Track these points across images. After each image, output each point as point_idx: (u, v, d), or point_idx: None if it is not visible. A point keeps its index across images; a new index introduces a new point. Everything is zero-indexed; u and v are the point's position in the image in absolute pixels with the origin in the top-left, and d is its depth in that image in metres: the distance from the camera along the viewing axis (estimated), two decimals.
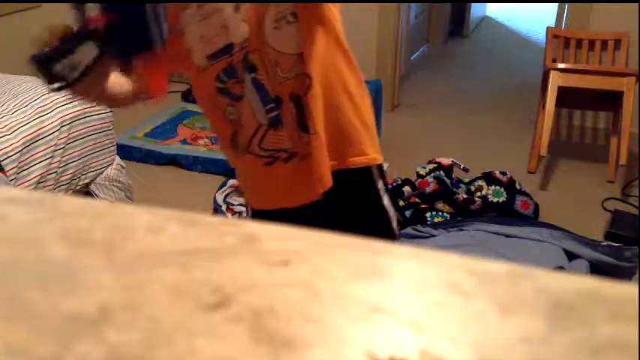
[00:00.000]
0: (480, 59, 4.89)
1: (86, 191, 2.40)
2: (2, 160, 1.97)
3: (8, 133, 2.03)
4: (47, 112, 2.16)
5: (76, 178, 2.30)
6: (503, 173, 2.61)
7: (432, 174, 2.58)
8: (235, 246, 0.34)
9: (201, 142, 3.15)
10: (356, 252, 0.34)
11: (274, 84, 1.08)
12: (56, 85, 0.88)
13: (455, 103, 3.92)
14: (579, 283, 0.31)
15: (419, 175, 2.63)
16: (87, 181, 2.37)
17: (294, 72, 1.08)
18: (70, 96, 0.99)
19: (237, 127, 1.16)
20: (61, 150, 2.20)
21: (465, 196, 2.51)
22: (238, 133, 1.16)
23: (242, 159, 1.18)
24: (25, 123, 2.09)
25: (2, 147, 1.98)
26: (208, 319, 0.28)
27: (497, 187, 2.55)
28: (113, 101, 1.14)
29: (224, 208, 2.58)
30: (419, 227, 2.37)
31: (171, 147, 3.09)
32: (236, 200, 2.61)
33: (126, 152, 2.94)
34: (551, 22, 3.54)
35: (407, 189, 2.61)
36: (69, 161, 2.25)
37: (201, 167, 2.96)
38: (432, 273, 0.32)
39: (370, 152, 1.21)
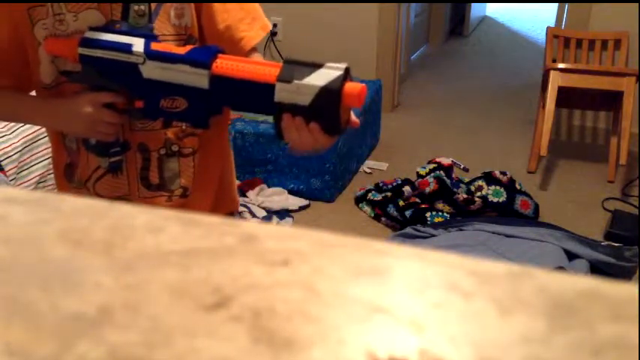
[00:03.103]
0: (480, 59, 4.89)
1: None
2: (2, 160, 1.97)
3: (8, 132, 2.03)
4: None
5: None
6: (504, 173, 2.61)
7: (432, 174, 2.58)
8: (235, 246, 0.34)
9: None
10: (356, 252, 0.34)
11: (126, 129, 1.01)
12: None
13: (455, 102, 3.91)
14: (579, 283, 0.31)
15: (419, 175, 2.62)
16: None
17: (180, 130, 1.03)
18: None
19: (75, 158, 1.06)
20: None
21: (465, 196, 2.51)
22: (75, 166, 1.07)
23: (76, 191, 1.08)
24: None
25: (2, 147, 1.98)
26: (208, 319, 0.28)
27: (497, 187, 2.55)
28: None
29: None
30: (419, 227, 2.37)
31: None
32: None
33: None
34: (551, 22, 3.53)
35: (407, 189, 2.61)
36: None
37: None
38: (432, 273, 0.32)
39: (236, 199, 1.23)
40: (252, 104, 0.89)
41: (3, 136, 2.01)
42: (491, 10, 6.29)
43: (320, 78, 0.80)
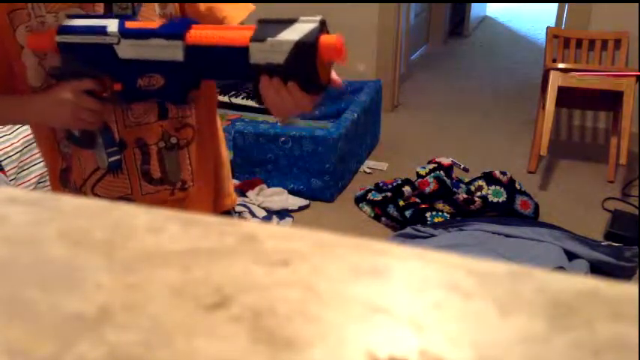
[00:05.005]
0: (480, 59, 4.89)
1: None
2: (2, 160, 1.97)
3: (8, 133, 2.03)
4: None
5: None
6: (504, 173, 2.61)
7: (432, 174, 2.58)
8: (235, 246, 0.34)
9: None
10: (356, 252, 0.34)
11: (120, 126, 1.01)
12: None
13: (455, 103, 3.92)
14: (579, 283, 0.31)
15: (419, 175, 2.63)
16: None
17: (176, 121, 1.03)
18: None
19: (70, 163, 1.06)
20: None
21: (465, 196, 2.51)
22: (71, 170, 1.06)
23: (72, 195, 1.06)
24: None
25: (2, 147, 1.98)
26: (208, 319, 0.28)
27: (497, 187, 2.55)
28: None
29: None
30: (419, 227, 2.37)
31: None
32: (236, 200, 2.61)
33: None
34: (551, 22, 3.54)
35: (407, 189, 2.61)
36: None
37: None
38: (432, 273, 0.32)
39: (233, 195, 1.22)
40: (229, 71, 0.87)
41: (3, 136, 2.01)
42: (492, 10, 6.29)
43: (294, 33, 0.77)
